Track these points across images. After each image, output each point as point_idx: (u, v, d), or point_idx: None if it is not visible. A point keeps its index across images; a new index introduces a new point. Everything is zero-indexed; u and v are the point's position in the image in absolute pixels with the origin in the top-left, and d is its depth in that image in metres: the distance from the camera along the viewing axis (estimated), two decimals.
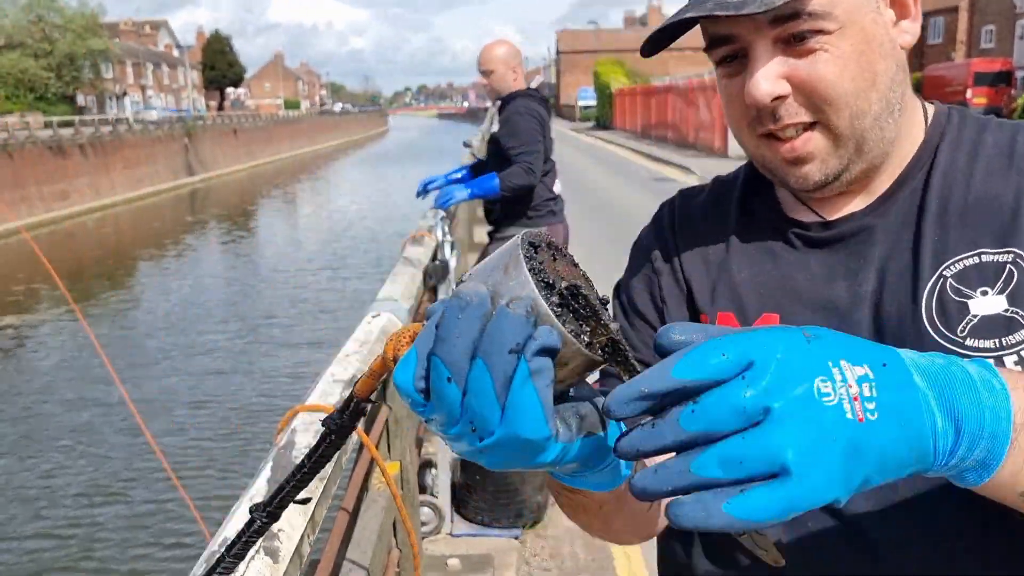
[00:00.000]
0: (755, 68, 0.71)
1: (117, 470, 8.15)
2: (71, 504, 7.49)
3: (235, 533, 1.01)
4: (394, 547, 2.45)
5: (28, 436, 9.18)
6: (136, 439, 8.45)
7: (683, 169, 18.97)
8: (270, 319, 14.01)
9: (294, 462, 1.25)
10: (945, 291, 0.71)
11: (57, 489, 7.75)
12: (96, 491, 7.71)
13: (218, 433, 9.02)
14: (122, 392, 3.67)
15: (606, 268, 6.84)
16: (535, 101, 3.84)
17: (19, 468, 8.27)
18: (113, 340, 13.19)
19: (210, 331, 13.48)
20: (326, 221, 27.43)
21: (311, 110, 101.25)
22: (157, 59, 75.25)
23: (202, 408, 9.87)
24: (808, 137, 0.73)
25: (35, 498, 7.63)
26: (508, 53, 3.88)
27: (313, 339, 12.32)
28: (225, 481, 7.62)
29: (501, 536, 3.02)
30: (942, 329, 0.70)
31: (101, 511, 7.31)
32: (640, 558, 3.08)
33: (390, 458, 2.36)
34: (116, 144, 33.90)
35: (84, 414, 9.68)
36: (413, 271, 2.92)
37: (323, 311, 14.21)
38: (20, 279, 18.96)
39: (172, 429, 9.05)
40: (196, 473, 7.81)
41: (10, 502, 7.56)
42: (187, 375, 11.17)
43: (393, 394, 2.32)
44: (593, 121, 46.87)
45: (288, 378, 10.79)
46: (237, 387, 10.60)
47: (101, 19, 52.21)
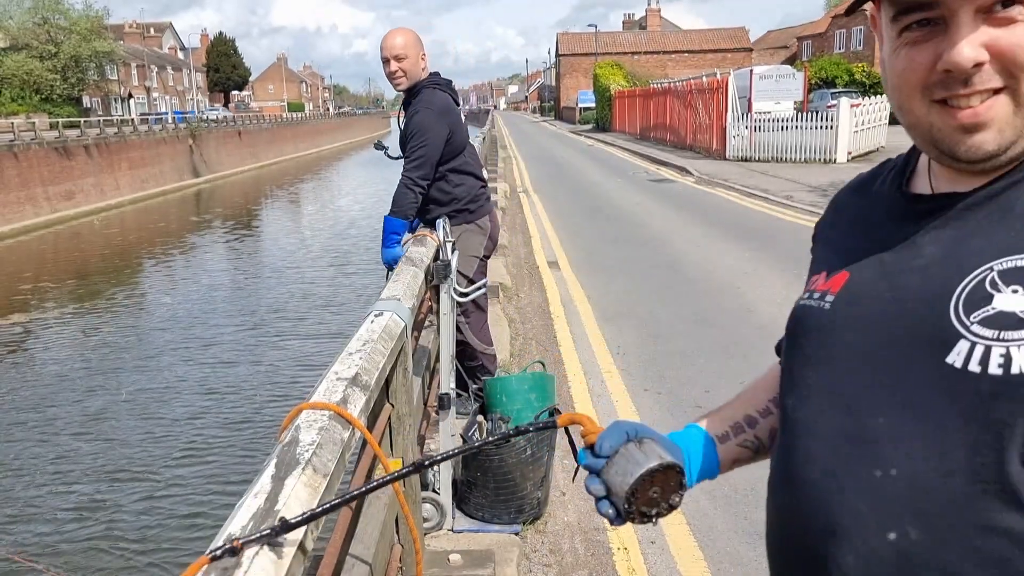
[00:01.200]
0: (959, 36, 0.75)
1: (131, 452, 8.52)
2: (88, 481, 7.89)
3: (239, 528, 1.06)
4: (396, 542, 2.49)
5: (44, 421, 9.54)
6: (147, 422, 9.21)
7: (681, 170, 18.97)
8: (278, 312, 14.42)
9: (298, 459, 1.29)
10: (983, 281, 0.74)
11: (73, 468, 8.15)
12: (114, 469, 8.14)
13: (229, 420, 9.34)
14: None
15: (606, 267, 6.93)
16: (440, 88, 3.73)
17: (38, 449, 8.65)
18: (122, 333, 13.67)
19: (219, 324, 13.88)
20: (330, 220, 27.69)
21: (314, 112, 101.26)
22: (162, 61, 75.30)
23: (212, 396, 10.22)
24: (992, 103, 0.76)
25: (54, 477, 8.01)
26: (418, 39, 3.74)
27: (322, 331, 12.81)
28: (236, 467, 7.94)
29: (502, 532, 3.05)
30: (960, 311, 0.73)
31: (117, 489, 7.68)
32: (638, 552, 3.12)
33: (392, 455, 2.39)
34: (121, 145, 33.97)
35: (97, 401, 10.11)
36: (415, 271, 2.96)
37: (330, 303, 14.73)
38: (27, 278, 19.19)
39: (183, 417, 9.39)
40: (213, 455, 8.19)
41: (31, 480, 7.90)
42: (197, 365, 11.54)
43: (395, 392, 2.36)
44: (592, 123, 46.85)
45: (298, 367, 11.19)
46: (246, 377, 10.93)
47: (106, 21, 52.33)
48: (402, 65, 3.65)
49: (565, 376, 5.21)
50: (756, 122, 19.93)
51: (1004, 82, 0.75)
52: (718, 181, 16.18)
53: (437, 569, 2.70)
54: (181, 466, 8.13)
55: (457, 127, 3.76)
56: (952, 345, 0.73)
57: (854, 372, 0.82)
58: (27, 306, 16.27)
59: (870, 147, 19.31)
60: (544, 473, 3.15)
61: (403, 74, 3.67)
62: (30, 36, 47.28)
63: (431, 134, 3.62)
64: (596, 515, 3.37)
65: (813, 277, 0.96)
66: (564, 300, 7.34)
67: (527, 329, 6.39)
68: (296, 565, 1.08)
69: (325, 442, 1.37)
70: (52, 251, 23.96)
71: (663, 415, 4.54)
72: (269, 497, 1.13)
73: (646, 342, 5.97)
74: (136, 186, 34.48)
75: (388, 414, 2.32)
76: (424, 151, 3.61)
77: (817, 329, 0.88)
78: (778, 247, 9.35)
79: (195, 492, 7.57)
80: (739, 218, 11.81)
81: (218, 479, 7.83)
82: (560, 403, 3.66)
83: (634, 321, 6.56)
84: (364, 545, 2.12)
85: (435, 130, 3.63)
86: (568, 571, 3.01)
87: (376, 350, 1.99)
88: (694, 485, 1.04)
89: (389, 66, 3.68)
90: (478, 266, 3.91)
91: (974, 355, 0.71)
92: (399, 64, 3.65)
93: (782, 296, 7.09)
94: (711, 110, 21.40)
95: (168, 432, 8.96)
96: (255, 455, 8.07)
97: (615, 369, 5.37)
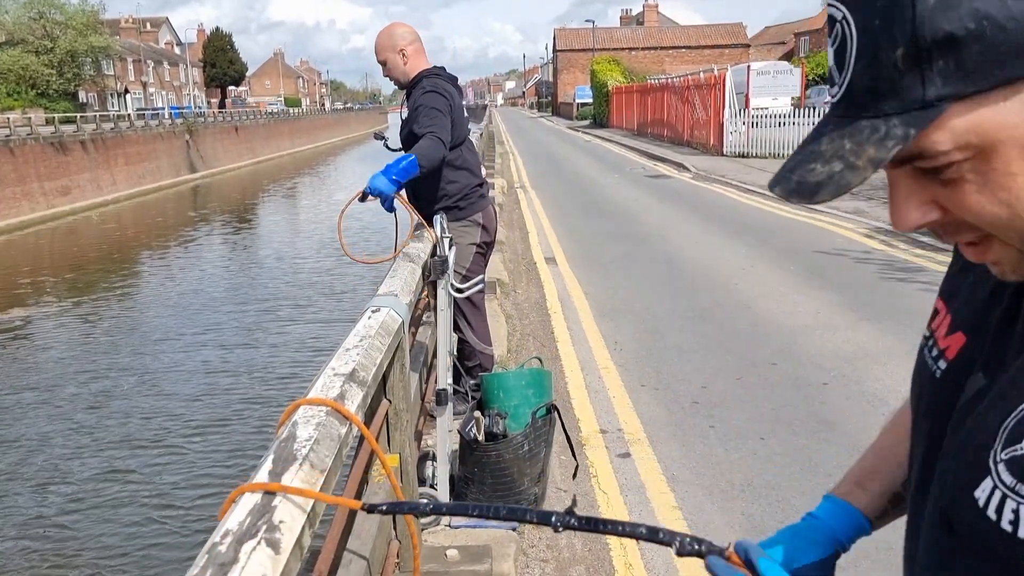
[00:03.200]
0: (894, 196, 0.61)
1: (134, 428, 9.05)
2: (98, 455, 8.43)
3: (236, 524, 1.06)
4: (394, 538, 2.50)
5: (49, 403, 9.97)
6: (150, 401, 9.84)
7: (678, 166, 18.97)
8: (279, 299, 14.97)
9: (295, 454, 1.29)
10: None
11: (85, 445, 8.67)
12: (123, 443, 8.70)
13: (229, 402, 9.75)
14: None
15: (603, 263, 6.93)
16: (442, 79, 3.70)
17: (49, 428, 9.16)
18: (122, 322, 14.14)
19: (220, 310, 14.45)
20: (328, 213, 27.83)
21: (310, 108, 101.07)
22: (159, 56, 75.09)
23: (214, 379, 10.64)
24: (986, 247, 0.61)
25: (69, 449, 8.56)
26: (396, 35, 3.72)
27: (322, 318, 13.35)
28: (236, 448, 8.44)
29: (499, 528, 3.05)
30: (1001, 442, 0.62)
31: (126, 462, 8.16)
32: (635, 548, 3.12)
33: (390, 451, 2.40)
34: (118, 141, 33.89)
35: (103, 382, 10.68)
36: (412, 267, 2.96)
37: (333, 292, 15.33)
38: (25, 272, 19.26)
39: (185, 400, 9.85)
40: (214, 437, 8.66)
41: (44, 456, 8.36)
42: (198, 351, 12.00)
43: (392, 388, 2.36)
44: (590, 119, 46.81)
45: (301, 350, 11.72)
46: (246, 360, 11.38)
47: (102, 16, 52.14)
48: (386, 69, 3.78)
49: (562, 372, 5.21)
50: (753, 118, 19.94)
51: (980, 234, 0.61)
52: (715, 177, 16.18)
53: (434, 564, 2.71)
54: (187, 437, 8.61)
55: (458, 119, 3.70)
56: (982, 479, 0.62)
57: (925, 465, 0.73)
58: (30, 297, 16.53)
59: None
60: (541, 469, 3.15)
61: (390, 76, 3.79)
62: (26, 31, 47.09)
63: (440, 106, 3.54)
64: (593, 510, 3.39)
65: (941, 313, 0.78)
66: (561, 296, 7.34)
67: (524, 325, 6.40)
68: (293, 561, 1.08)
69: (322, 438, 1.37)
70: (49, 246, 23.96)
71: (659, 411, 4.54)
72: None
73: (643, 337, 5.98)
74: (133, 182, 34.41)
75: (385, 410, 2.33)
76: (442, 119, 3.49)
77: (921, 396, 0.78)
78: (775, 243, 9.36)
79: (197, 468, 8.02)
80: (736, 214, 11.82)
81: (222, 452, 8.32)
82: (557, 399, 3.66)
83: (631, 317, 6.57)
84: (361, 540, 2.13)
85: (442, 107, 3.54)
86: (565, 566, 3.02)
87: (373, 346, 1.99)
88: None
89: (383, 70, 3.82)
90: (474, 258, 3.87)
91: (993, 499, 0.60)
92: (384, 67, 3.78)
93: (779, 292, 7.11)
94: (708, 106, 21.40)
95: (173, 412, 9.45)
96: (261, 431, 8.57)
97: (612, 365, 5.37)
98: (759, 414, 4.42)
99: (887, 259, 8.24)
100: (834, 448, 3.89)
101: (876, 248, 8.81)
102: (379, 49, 3.73)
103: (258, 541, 1.00)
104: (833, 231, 9.96)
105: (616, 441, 4.14)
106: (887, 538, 0.98)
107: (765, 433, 4.16)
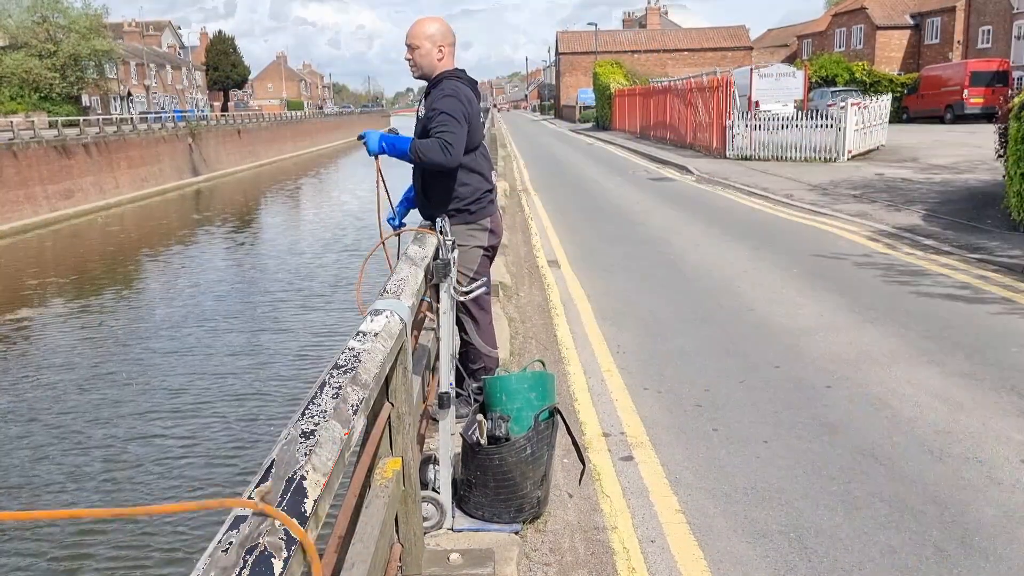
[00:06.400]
0: None
1: (144, 409, 9.76)
2: (112, 434, 9.01)
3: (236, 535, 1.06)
4: (396, 541, 2.49)
5: (58, 391, 10.48)
6: (156, 386, 10.57)
7: (681, 169, 18.95)
8: (282, 300, 15.45)
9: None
10: None
11: (97, 427, 9.19)
12: (138, 423, 9.33)
13: (238, 392, 10.19)
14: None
15: (606, 265, 6.92)
16: (463, 82, 3.68)
17: (63, 411, 9.77)
18: (130, 319, 14.65)
19: (229, 303, 15.12)
20: (332, 214, 28.04)
21: (310, 111, 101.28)
22: (161, 60, 75.22)
23: (223, 369, 11.03)
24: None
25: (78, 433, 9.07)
26: (438, 31, 3.71)
27: (328, 322, 13.74)
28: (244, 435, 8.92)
29: (502, 531, 3.05)
30: None
31: (130, 462, 8.45)
32: (638, 552, 3.11)
33: (392, 454, 2.39)
34: (121, 144, 33.94)
35: (111, 366, 11.43)
36: (415, 269, 2.96)
37: (338, 284, 16.14)
38: (32, 274, 19.40)
39: (193, 392, 10.31)
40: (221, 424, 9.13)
41: (47, 453, 8.64)
42: (208, 343, 12.47)
43: (395, 391, 2.36)
44: (592, 122, 46.81)
45: (316, 335, 12.41)
46: (251, 359, 11.68)
47: (105, 19, 52.27)
48: (414, 55, 3.69)
49: (565, 375, 5.20)
50: (757, 121, 19.92)
51: None
52: (718, 180, 16.17)
53: (437, 568, 2.70)
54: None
55: (475, 123, 3.70)
56: None
57: None
58: (37, 299, 16.83)
59: (870, 146, 19.30)
60: (544, 472, 3.14)
61: (414, 63, 3.71)
62: (29, 34, 47.25)
63: (457, 114, 3.54)
64: (596, 514, 3.38)
65: None
66: (564, 299, 7.34)
67: (527, 328, 6.39)
68: (296, 564, 1.08)
69: (323, 440, 1.37)
70: (53, 249, 24.03)
71: (662, 414, 4.54)
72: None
73: (646, 341, 5.97)
74: (136, 185, 34.46)
75: (388, 413, 2.32)
76: (457, 127, 3.50)
77: None
78: (778, 245, 9.35)
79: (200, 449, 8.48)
80: (739, 216, 11.81)
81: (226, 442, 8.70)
82: (560, 402, 3.65)
83: (634, 320, 6.56)
84: (364, 544, 2.12)
85: (459, 115, 3.55)
86: (568, 570, 3.01)
87: (376, 348, 1.99)
88: None
89: (406, 52, 3.73)
90: (481, 260, 3.87)
91: None
92: (411, 53, 3.70)
93: (782, 295, 7.09)
94: (711, 109, 21.39)
95: (188, 398, 9.96)
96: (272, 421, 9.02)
97: (615, 368, 5.36)
98: (762, 417, 4.41)
99: (890, 262, 8.23)
100: (837, 451, 3.88)
101: (879, 251, 8.80)
102: (418, 35, 3.68)
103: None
104: (836, 234, 9.94)
105: (619, 444, 4.14)
106: (888, 538, 0.97)
107: (768, 436, 4.15)
